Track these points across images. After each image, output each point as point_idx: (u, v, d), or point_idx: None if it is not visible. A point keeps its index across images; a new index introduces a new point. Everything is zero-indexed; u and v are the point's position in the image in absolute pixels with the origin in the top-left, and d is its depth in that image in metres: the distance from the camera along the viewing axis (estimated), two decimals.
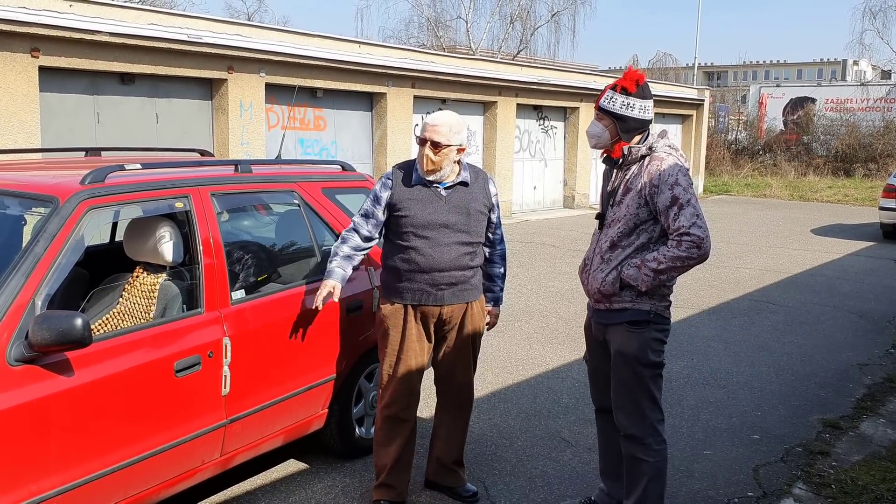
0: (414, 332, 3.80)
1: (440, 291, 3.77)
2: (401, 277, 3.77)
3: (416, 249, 3.72)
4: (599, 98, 3.48)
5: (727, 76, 77.47)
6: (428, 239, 3.72)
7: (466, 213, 3.79)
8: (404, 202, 3.74)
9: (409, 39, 32.64)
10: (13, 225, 4.04)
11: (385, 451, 3.89)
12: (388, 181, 3.82)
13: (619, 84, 3.42)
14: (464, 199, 3.81)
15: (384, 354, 3.86)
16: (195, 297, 3.59)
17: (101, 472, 3.06)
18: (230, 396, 3.58)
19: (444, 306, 3.80)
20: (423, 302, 3.77)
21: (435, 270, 3.73)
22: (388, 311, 3.83)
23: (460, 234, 3.78)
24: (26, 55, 9.08)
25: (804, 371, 6.45)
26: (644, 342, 3.39)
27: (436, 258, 3.72)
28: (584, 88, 18.70)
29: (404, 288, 3.77)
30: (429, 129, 3.73)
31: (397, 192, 3.77)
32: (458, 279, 3.80)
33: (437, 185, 3.78)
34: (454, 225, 3.76)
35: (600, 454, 3.86)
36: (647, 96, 3.42)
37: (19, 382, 2.82)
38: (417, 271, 3.73)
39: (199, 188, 3.70)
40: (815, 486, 4.30)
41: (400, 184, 3.79)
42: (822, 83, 38.64)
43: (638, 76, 3.43)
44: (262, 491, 4.11)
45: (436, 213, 3.73)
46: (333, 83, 13.01)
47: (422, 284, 3.75)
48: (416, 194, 3.75)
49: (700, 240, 3.21)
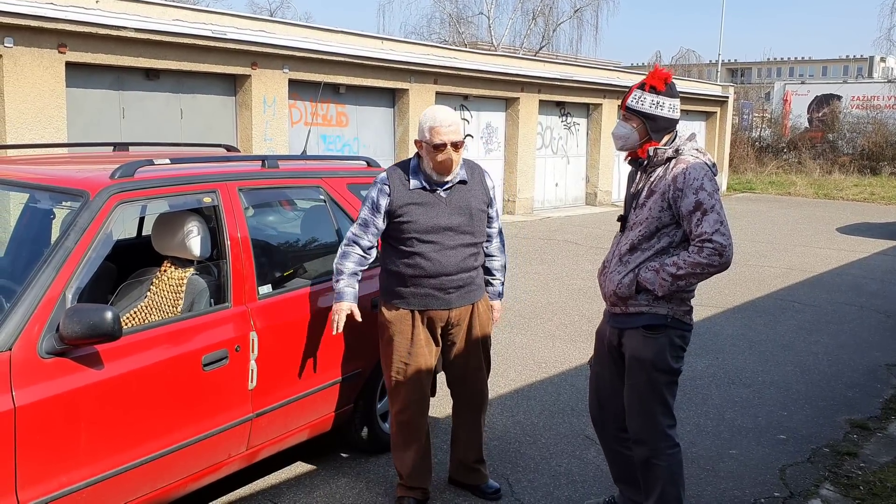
0: (422, 336, 3.73)
1: (448, 295, 3.70)
2: (405, 283, 3.66)
3: (421, 255, 3.62)
4: (626, 98, 3.38)
5: (751, 73, 76.73)
6: (433, 243, 3.63)
7: (469, 213, 3.71)
8: (405, 208, 3.62)
9: (431, 36, 32.65)
10: (42, 218, 4.09)
11: (404, 457, 3.85)
12: (385, 187, 3.66)
13: (647, 83, 3.34)
14: (464, 198, 3.72)
15: (390, 360, 3.76)
16: (222, 291, 3.61)
17: (129, 464, 3.09)
18: (257, 390, 3.60)
19: (452, 310, 3.74)
20: (430, 307, 3.69)
21: (442, 275, 3.66)
22: (392, 317, 3.73)
23: (464, 236, 3.70)
24: (53, 51, 9.17)
25: (831, 371, 6.38)
26: (660, 348, 3.32)
27: (443, 262, 3.64)
28: (607, 85, 18.61)
29: (409, 293, 3.67)
30: (445, 131, 3.57)
31: (396, 198, 3.64)
32: (466, 281, 3.74)
33: (435, 187, 3.68)
34: (458, 227, 3.67)
35: (609, 463, 3.79)
36: (676, 95, 3.36)
37: (51, 375, 2.85)
38: (424, 276, 3.64)
39: (227, 183, 3.72)
40: (843, 487, 4.25)
41: (398, 189, 3.65)
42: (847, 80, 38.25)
43: (665, 74, 3.36)
44: (287, 485, 4.12)
45: (438, 217, 3.64)
46: (356, 79, 13.02)
47: (428, 289, 3.66)
48: (416, 198, 3.64)
49: (722, 247, 3.14)
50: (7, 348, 2.78)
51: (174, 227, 3.66)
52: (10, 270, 3.87)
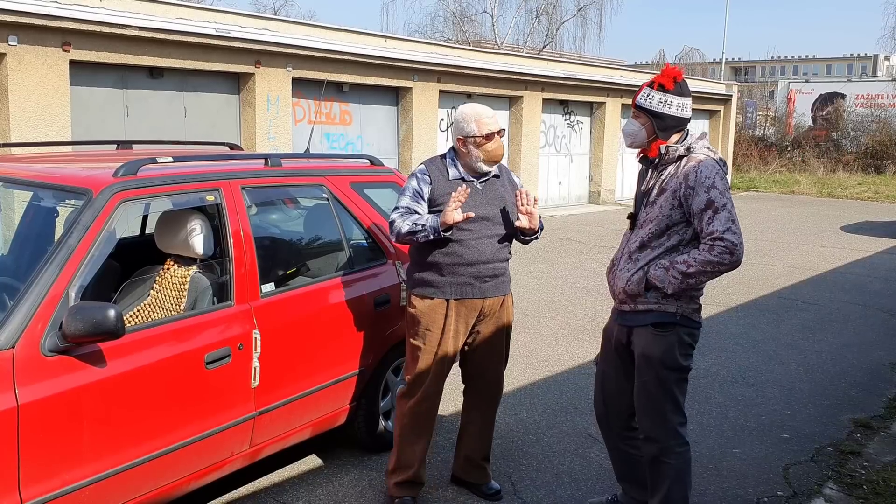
0: (453, 328, 3.76)
1: (484, 284, 3.76)
2: (442, 272, 3.72)
3: (459, 242, 3.69)
4: (636, 95, 3.39)
5: (755, 71, 76.63)
6: (471, 231, 3.71)
7: (503, 205, 3.81)
8: (445, 197, 3.69)
9: (435, 34, 32.64)
10: (46, 217, 4.10)
11: (414, 449, 3.84)
12: (426, 176, 3.79)
13: (656, 81, 3.34)
14: (498, 191, 3.83)
15: (418, 352, 3.77)
16: (225, 289, 3.61)
17: (132, 462, 3.09)
18: (259, 389, 3.60)
19: (486, 299, 3.78)
20: (466, 295, 3.74)
21: (480, 262, 3.72)
22: (425, 308, 3.75)
23: (498, 227, 3.78)
24: (58, 49, 9.18)
25: (834, 370, 6.37)
26: (669, 345, 3.32)
27: (480, 250, 3.72)
28: (611, 83, 18.58)
29: (446, 282, 3.72)
30: (490, 121, 3.74)
31: (437, 187, 3.75)
32: (500, 271, 3.81)
33: (471, 180, 3.78)
34: (493, 218, 3.77)
35: (612, 461, 3.79)
36: (685, 94, 3.35)
37: (54, 373, 2.86)
38: (462, 264, 3.70)
39: (230, 181, 3.72)
40: (847, 486, 4.25)
41: (438, 179, 3.77)
42: (852, 78, 38.18)
43: (676, 73, 3.35)
44: (290, 483, 4.13)
45: (476, 207, 3.71)
46: (359, 77, 13.03)
47: (466, 278, 3.72)
48: (455, 188, 3.71)
49: (733, 246, 3.14)
50: (10, 346, 2.79)
51: (177, 225, 3.66)
52: (14, 268, 3.88)
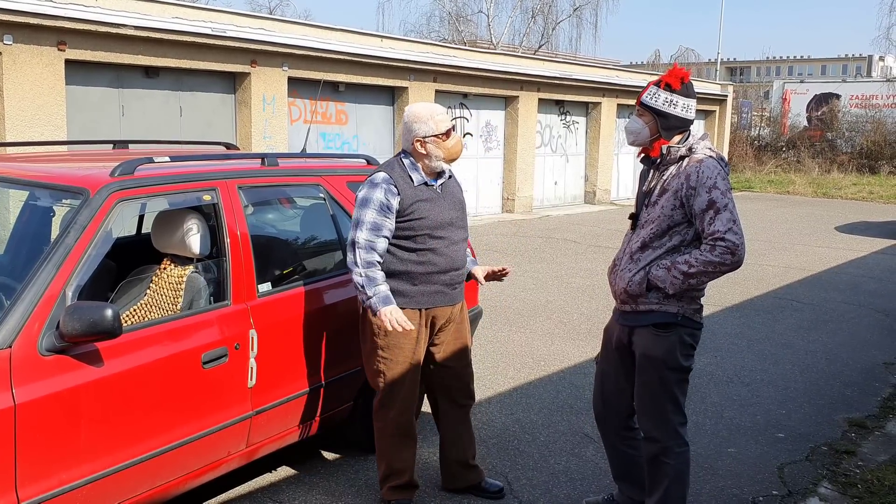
0: (423, 336, 3.71)
1: (453, 290, 3.73)
2: (414, 281, 3.61)
3: (433, 251, 3.61)
4: (642, 94, 3.39)
5: (750, 72, 76.73)
6: (443, 239, 3.63)
7: (461, 207, 3.77)
8: (415, 205, 3.58)
9: (431, 34, 32.62)
10: (42, 216, 4.09)
11: (403, 456, 3.79)
12: (393, 187, 3.57)
13: (662, 80, 3.35)
14: (454, 192, 3.76)
15: (389, 363, 3.65)
16: (222, 289, 3.61)
17: (129, 461, 3.09)
18: (256, 388, 3.60)
19: (455, 305, 3.76)
20: (437, 304, 3.68)
21: (452, 269, 3.68)
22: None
23: (462, 231, 3.75)
24: (53, 48, 9.17)
25: (829, 370, 6.39)
26: (671, 345, 3.33)
27: (452, 257, 3.67)
28: (607, 83, 18.61)
29: (418, 292, 3.62)
30: (445, 117, 3.68)
31: (405, 197, 3.58)
32: (465, 276, 3.80)
33: (432, 182, 3.68)
34: (457, 221, 3.71)
35: (609, 461, 3.80)
36: (691, 95, 3.35)
37: (50, 372, 2.85)
38: (436, 272, 3.63)
39: (227, 181, 3.72)
40: (841, 485, 4.26)
41: (404, 187, 3.59)
42: (846, 79, 38.25)
43: (683, 73, 3.35)
44: (286, 483, 4.13)
45: (443, 212, 3.65)
46: (355, 77, 13.03)
47: (439, 286, 3.66)
48: (422, 194, 3.62)
49: (735, 246, 3.14)
50: (7, 346, 2.78)
51: (174, 224, 3.66)
52: (11, 268, 3.87)
